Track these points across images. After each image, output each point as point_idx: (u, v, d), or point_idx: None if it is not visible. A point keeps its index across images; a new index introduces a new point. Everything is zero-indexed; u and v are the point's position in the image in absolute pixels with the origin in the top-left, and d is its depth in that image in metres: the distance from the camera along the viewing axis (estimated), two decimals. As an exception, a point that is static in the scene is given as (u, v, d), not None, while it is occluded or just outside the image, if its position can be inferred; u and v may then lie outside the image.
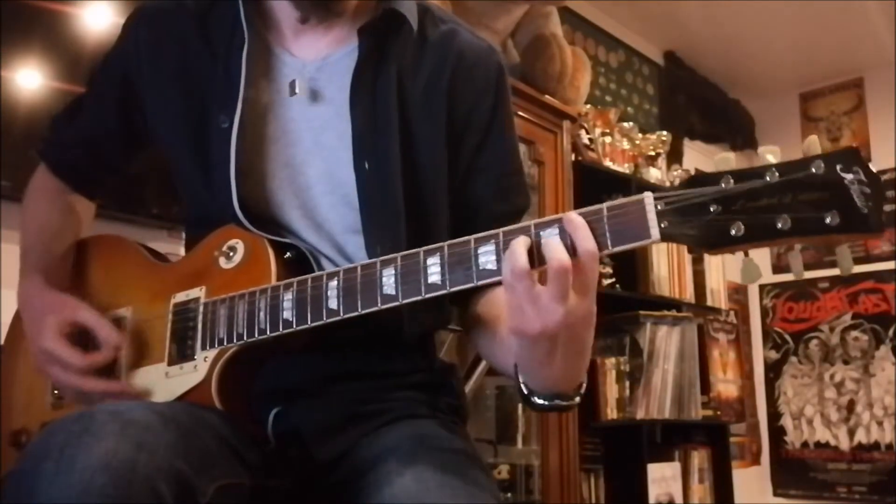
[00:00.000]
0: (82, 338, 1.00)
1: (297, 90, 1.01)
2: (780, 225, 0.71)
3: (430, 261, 0.82)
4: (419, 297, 0.82)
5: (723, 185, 0.73)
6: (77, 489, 0.66)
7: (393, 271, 0.84)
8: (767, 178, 0.72)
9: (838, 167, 0.70)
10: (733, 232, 0.72)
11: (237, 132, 0.98)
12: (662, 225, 0.74)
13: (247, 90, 0.99)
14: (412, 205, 0.99)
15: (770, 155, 0.73)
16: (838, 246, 0.73)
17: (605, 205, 0.76)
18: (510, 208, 1.06)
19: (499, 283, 0.78)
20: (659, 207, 0.74)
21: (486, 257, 0.79)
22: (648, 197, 0.75)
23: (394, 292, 0.83)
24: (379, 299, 0.84)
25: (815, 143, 0.72)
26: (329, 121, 1.01)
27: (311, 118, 1.01)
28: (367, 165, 0.98)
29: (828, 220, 0.69)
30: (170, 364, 0.96)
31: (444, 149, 1.02)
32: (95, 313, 1.01)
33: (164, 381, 0.96)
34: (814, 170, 0.70)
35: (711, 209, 0.73)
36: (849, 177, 0.69)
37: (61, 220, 1.16)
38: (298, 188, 1.00)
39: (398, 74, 1.01)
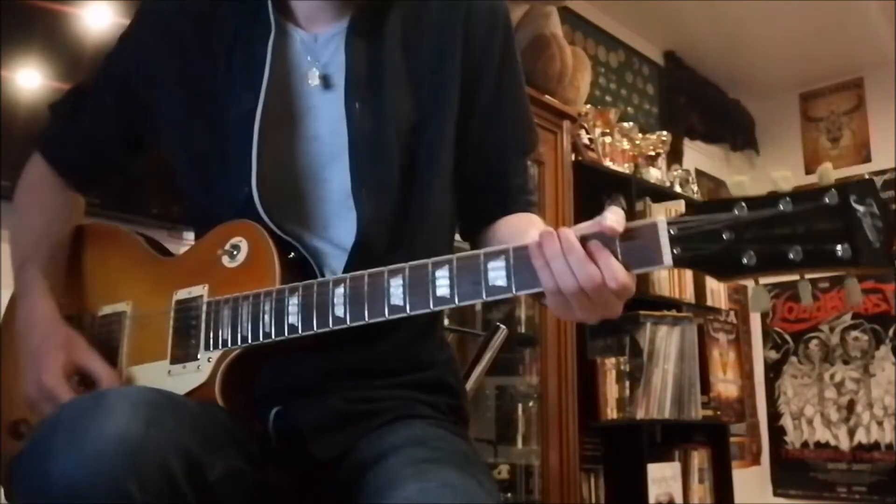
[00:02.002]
0: (82, 381, 0.98)
1: (309, 80, 1.02)
2: (791, 255, 0.70)
3: (438, 273, 0.83)
4: (427, 310, 0.83)
5: (736, 213, 0.73)
6: (89, 461, 0.67)
7: (401, 281, 0.84)
8: (781, 207, 0.71)
9: (852, 198, 0.69)
10: (745, 261, 0.72)
11: (261, 114, 0.97)
12: (675, 251, 0.74)
13: (270, 75, 0.99)
14: (411, 153, 1.00)
15: (783, 182, 0.72)
16: (848, 278, 0.73)
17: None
18: (525, 146, 1.14)
19: None
20: (672, 233, 0.75)
21: (496, 273, 0.80)
22: (662, 222, 0.75)
23: (402, 303, 0.84)
24: (386, 309, 0.84)
25: (828, 172, 0.71)
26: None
27: (331, 91, 1.01)
28: (357, 106, 0.98)
29: (839, 253, 0.68)
30: (172, 362, 0.96)
31: (455, 103, 1.04)
32: (102, 360, 0.98)
33: (167, 380, 0.96)
34: (827, 200, 0.69)
35: (724, 236, 0.73)
36: (861, 209, 0.68)
37: (60, 222, 1.14)
38: (328, 158, 1.00)
39: (404, 30, 1.03)
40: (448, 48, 1.04)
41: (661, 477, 2.95)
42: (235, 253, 0.96)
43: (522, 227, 1.02)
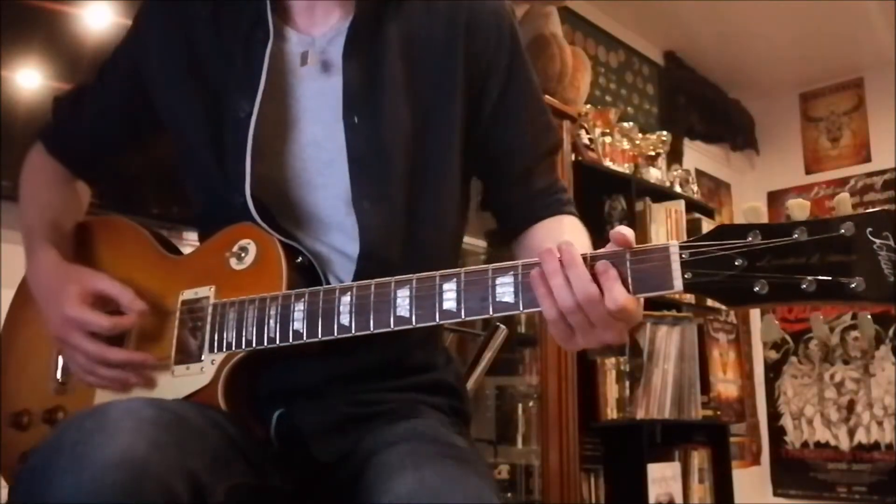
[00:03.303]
0: (102, 307, 0.99)
1: (307, 61, 1.01)
2: (804, 286, 0.69)
3: (446, 286, 0.82)
4: (433, 323, 0.82)
5: (750, 239, 0.71)
6: (90, 486, 0.66)
7: (408, 293, 0.84)
8: (796, 236, 0.70)
9: (868, 230, 0.68)
10: (757, 289, 0.71)
11: (256, 120, 0.97)
12: (686, 276, 0.74)
13: (266, 80, 0.99)
14: (416, 162, 0.99)
15: (799, 210, 0.71)
16: (860, 312, 0.72)
17: (627, 249, 0.76)
18: (544, 149, 1.11)
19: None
20: (684, 257, 0.74)
21: (504, 288, 0.80)
22: (674, 246, 0.75)
23: (408, 315, 0.83)
24: (392, 321, 0.84)
25: (845, 202, 0.70)
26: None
27: (327, 91, 1.01)
28: (356, 120, 0.98)
29: (853, 286, 0.67)
30: (176, 363, 0.96)
31: (460, 108, 1.03)
32: (113, 280, 1.00)
33: (170, 380, 0.96)
34: (843, 231, 0.68)
35: (737, 263, 0.72)
36: (878, 242, 0.67)
37: (63, 201, 1.16)
38: (323, 163, 1.00)
39: (404, 37, 1.02)
40: (449, 52, 1.03)
41: (661, 477, 2.95)
42: (243, 255, 0.96)
43: (554, 234, 1.01)
